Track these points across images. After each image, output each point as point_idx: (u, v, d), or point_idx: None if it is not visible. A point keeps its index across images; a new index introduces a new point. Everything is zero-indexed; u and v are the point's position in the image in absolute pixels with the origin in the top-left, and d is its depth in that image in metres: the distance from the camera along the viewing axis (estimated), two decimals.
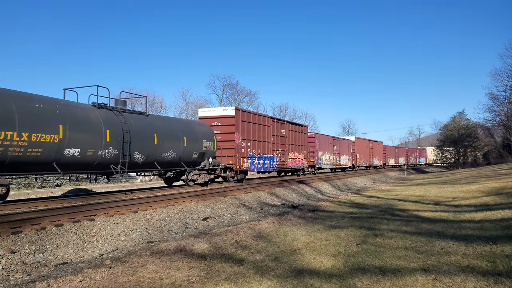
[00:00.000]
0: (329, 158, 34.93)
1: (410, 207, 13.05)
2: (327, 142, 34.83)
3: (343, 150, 38.87)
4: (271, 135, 23.58)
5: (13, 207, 10.69)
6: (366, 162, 45.98)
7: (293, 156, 26.86)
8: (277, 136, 24.53)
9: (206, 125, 18.80)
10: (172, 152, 15.16)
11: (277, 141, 24.42)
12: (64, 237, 7.97)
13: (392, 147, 61.16)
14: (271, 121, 23.81)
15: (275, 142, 24.20)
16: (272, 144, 23.72)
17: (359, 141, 44.88)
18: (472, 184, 19.81)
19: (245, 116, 20.72)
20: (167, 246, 7.59)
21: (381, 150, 52.26)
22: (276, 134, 24.27)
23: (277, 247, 7.53)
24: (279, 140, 24.76)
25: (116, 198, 13.25)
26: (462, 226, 8.78)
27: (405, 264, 5.91)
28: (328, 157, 34.68)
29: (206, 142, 17.37)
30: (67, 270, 6.25)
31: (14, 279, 5.96)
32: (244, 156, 20.06)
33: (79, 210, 9.86)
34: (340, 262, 6.21)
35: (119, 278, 5.61)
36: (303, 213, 12.61)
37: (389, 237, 7.96)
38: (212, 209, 12.66)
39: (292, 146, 26.81)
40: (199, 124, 18.27)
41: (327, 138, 35.43)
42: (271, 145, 23.48)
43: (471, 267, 5.54)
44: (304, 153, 28.93)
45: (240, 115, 20.21)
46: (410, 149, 69.55)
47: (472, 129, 65.02)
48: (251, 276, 5.57)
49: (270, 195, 17.15)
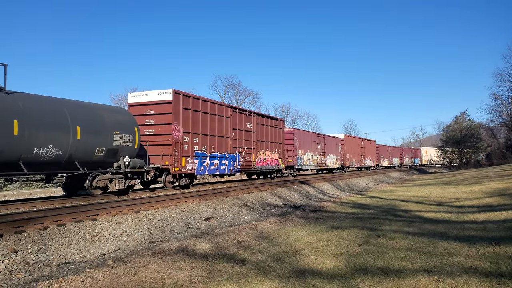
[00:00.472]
0: (312, 158, 31.21)
1: (412, 207, 13.01)
2: (309, 140, 30.89)
3: (330, 149, 35.23)
4: (231, 128, 19.53)
5: (16, 206, 10.73)
6: (357, 163, 42.50)
7: (263, 155, 22.96)
8: (241, 130, 20.50)
9: (122, 111, 14.35)
10: (53, 148, 10.77)
11: (240, 137, 20.34)
12: (66, 236, 7.99)
13: (385, 146, 57.09)
14: (230, 111, 19.63)
15: (238, 137, 20.14)
16: (233, 140, 19.64)
17: (349, 139, 41.16)
18: (475, 185, 19.74)
19: (189, 103, 16.31)
20: (169, 246, 7.59)
21: (374, 149, 48.99)
22: (239, 128, 20.28)
23: (279, 247, 7.52)
24: (243, 136, 20.73)
25: (119, 198, 13.27)
26: (465, 227, 8.74)
27: (408, 265, 5.89)
28: (311, 156, 30.94)
29: (120, 134, 12.95)
30: (69, 270, 6.26)
31: (16, 279, 5.98)
32: (188, 154, 16.05)
33: (82, 210, 9.88)
34: (342, 262, 6.20)
35: (121, 278, 5.61)
36: (305, 213, 12.59)
37: (392, 237, 7.94)
38: (214, 209, 12.67)
39: (263, 143, 22.98)
40: (110, 110, 13.59)
41: (309, 135, 31.69)
42: (230, 141, 19.40)
43: (474, 268, 5.52)
44: (279, 152, 25.02)
45: (182, 101, 15.84)
46: (404, 149, 66.35)
47: (475, 129, 64.89)
48: (253, 277, 5.57)
49: (272, 195, 17.14)
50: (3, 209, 10.37)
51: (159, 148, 15.22)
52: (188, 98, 16.38)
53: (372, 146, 48.59)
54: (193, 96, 16.91)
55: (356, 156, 41.95)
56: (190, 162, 16.16)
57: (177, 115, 15.58)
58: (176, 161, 15.31)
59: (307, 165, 30.02)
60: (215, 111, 18.20)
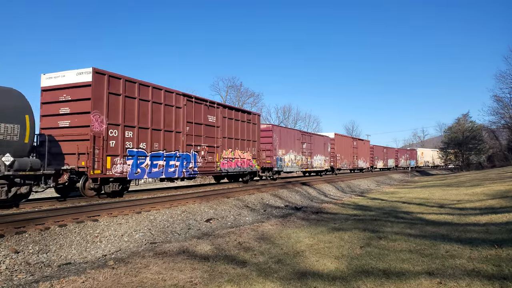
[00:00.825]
0: (296, 159, 27.83)
1: (414, 209, 12.97)
2: (291, 138, 27.50)
3: (317, 149, 32.00)
4: (185, 122, 16.12)
5: (21, 206, 10.73)
6: (350, 164, 39.40)
7: (232, 155, 19.60)
8: (199, 124, 17.12)
9: (5, 93, 10.14)
10: None
11: (198, 132, 16.98)
12: (67, 237, 7.99)
13: (380, 147, 53.41)
14: (184, 100, 16.10)
15: (195, 133, 16.75)
16: (188, 137, 16.26)
17: (340, 138, 37.77)
18: (477, 187, 19.68)
19: (119, 87, 12.95)
20: (170, 247, 7.58)
21: (368, 150, 45.89)
22: (196, 122, 16.91)
23: (280, 249, 7.50)
24: (203, 131, 17.32)
25: (120, 199, 13.27)
26: (467, 229, 8.71)
27: (410, 267, 5.86)
28: (294, 157, 27.61)
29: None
30: (70, 271, 6.26)
31: (17, 279, 5.97)
32: (116, 153, 12.75)
33: (83, 211, 9.88)
34: (344, 264, 6.17)
35: (122, 279, 5.60)
36: (306, 215, 12.56)
37: (393, 239, 7.91)
38: (215, 210, 12.65)
39: (231, 141, 19.61)
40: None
41: (292, 133, 28.22)
42: (184, 138, 15.97)
43: (476, 271, 5.49)
44: (253, 151, 21.70)
45: (108, 84, 12.50)
46: (400, 150, 63.56)
47: (477, 131, 64.79)
48: (254, 278, 5.55)
49: (274, 196, 17.11)
50: (5, 209, 10.37)
51: (75, 144, 11.99)
52: (117, 80, 12.91)
53: (366, 147, 45.69)
54: (125, 78, 13.17)
55: (348, 157, 38.88)
56: (120, 163, 12.86)
57: (99, 102, 12.20)
58: (97, 161, 12.00)
59: (289, 166, 26.65)
60: (161, 99, 14.77)
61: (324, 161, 33.35)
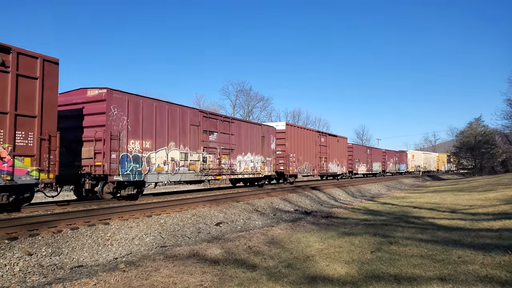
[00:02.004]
0: (188, 161, 15.94)
1: (425, 214, 12.84)
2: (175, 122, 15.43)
3: (248, 145, 20.55)
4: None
5: (30, 210, 10.89)
6: (314, 168, 28.04)
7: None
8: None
9: None
10: None
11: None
12: (79, 240, 8.08)
13: (362, 147, 44.52)
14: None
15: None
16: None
17: (295, 131, 25.71)
18: (490, 192, 19.40)
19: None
20: (181, 251, 7.62)
21: (345, 150, 35.41)
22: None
23: (290, 253, 7.49)
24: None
25: (130, 202, 13.38)
26: (480, 235, 8.59)
27: (421, 272, 5.81)
28: (178, 156, 15.38)
29: None
30: (82, 273, 6.33)
31: (31, 281, 6.06)
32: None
33: (94, 214, 9.99)
34: (354, 269, 6.14)
35: (133, 282, 5.65)
36: (316, 219, 12.52)
37: (404, 244, 7.85)
38: (225, 214, 12.68)
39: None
40: None
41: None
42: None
43: (489, 277, 5.42)
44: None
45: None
46: (388, 151, 52.18)
47: (490, 135, 63.97)
48: (264, 282, 5.55)
49: (283, 201, 17.08)
50: (18, 212, 10.54)
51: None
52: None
53: (342, 146, 34.65)
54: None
55: (310, 158, 27.50)
56: None
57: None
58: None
59: (164, 175, 14.78)
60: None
61: (263, 163, 22.06)
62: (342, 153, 34.54)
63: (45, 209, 11.21)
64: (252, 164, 21.05)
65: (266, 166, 22.44)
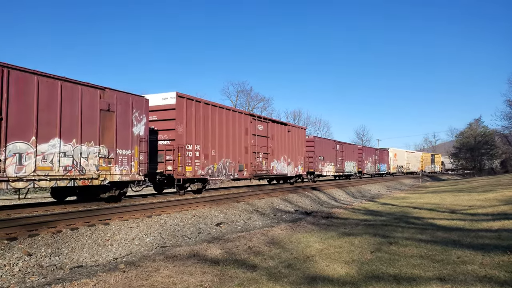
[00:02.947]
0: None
1: (425, 215, 12.85)
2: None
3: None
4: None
5: (30, 210, 10.90)
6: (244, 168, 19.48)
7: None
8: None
9: None
10: None
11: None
12: (79, 240, 8.08)
13: (329, 141, 33.79)
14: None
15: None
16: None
17: (197, 108, 16.19)
18: (489, 192, 19.41)
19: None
20: (181, 251, 7.62)
21: (301, 144, 26.55)
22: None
23: (290, 253, 7.49)
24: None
25: (131, 202, 13.38)
26: (479, 235, 8.60)
27: (420, 272, 5.82)
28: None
29: None
30: (82, 274, 6.33)
31: (30, 281, 6.06)
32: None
33: (94, 214, 9.99)
34: (354, 269, 6.15)
35: (133, 282, 5.65)
36: (316, 219, 12.52)
37: (404, 245, 7.85)
38: (225, 214, 12.68)
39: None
40: None
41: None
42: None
43: (488, 277, 5.43)
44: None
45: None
46: (366, 148, 44.22)
47: (489, 136, 64.09)
48: (264, 283, 5.56)
49: (284, 201, 17.08)
50: (18, 212, 10.55)
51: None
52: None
53: (296, 138, 25.74)
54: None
55: (233, 154, 18.81)
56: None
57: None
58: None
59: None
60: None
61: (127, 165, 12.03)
62: (296, 148, 25.74)
63: (44, 209, 11.21)
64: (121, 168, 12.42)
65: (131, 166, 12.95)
